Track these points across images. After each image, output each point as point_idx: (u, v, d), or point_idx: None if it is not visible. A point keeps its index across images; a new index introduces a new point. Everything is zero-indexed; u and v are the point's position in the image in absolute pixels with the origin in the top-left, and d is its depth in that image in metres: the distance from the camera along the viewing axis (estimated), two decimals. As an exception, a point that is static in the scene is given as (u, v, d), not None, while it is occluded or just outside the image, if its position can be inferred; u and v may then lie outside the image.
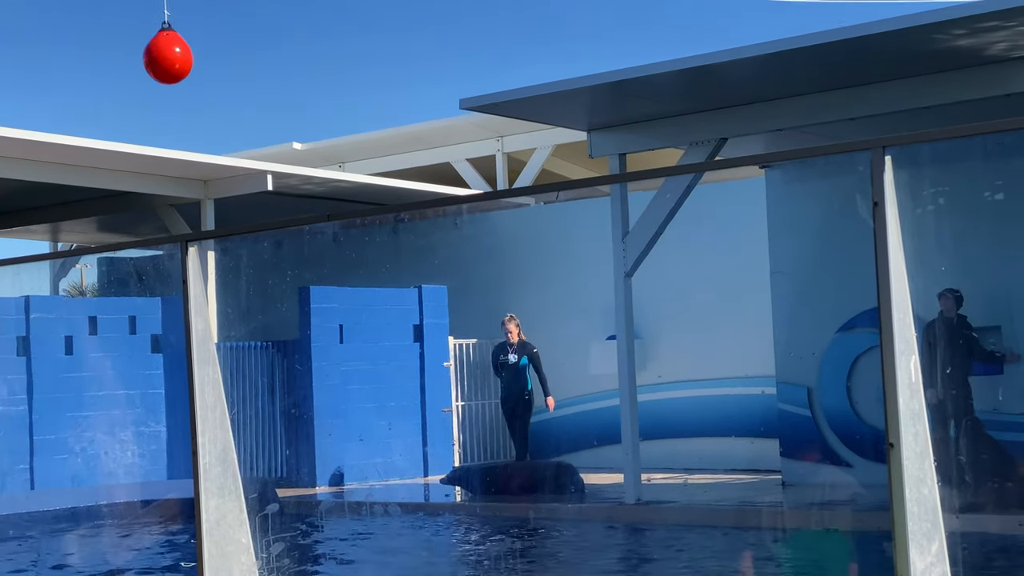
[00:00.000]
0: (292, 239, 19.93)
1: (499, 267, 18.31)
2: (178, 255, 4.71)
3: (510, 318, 15.67)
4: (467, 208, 18.57)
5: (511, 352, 15.52)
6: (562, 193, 18.93)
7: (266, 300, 17.65)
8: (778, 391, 14.51)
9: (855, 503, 12.60)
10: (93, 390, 15.24)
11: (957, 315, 12.29)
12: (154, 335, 15.93)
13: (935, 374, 11.56)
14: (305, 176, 16.62)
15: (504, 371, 15.55)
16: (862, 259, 12.79)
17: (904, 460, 3.41)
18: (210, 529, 4.64)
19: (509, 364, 15.49)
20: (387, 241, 19.28)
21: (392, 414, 16.48)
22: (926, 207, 12.23)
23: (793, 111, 12.60)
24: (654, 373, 16.49)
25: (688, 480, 14.94)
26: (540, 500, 13.81)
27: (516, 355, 15.47)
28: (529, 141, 20.48)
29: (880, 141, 3.42)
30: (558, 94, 12.51)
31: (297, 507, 14.34)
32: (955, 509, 9.98)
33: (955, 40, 10.79)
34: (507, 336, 15.58)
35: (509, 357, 15.52)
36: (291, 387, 16.29)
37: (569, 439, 17.18)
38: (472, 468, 15.08)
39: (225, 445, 4.72)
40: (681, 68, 11.69)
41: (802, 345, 14.18)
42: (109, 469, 15.16)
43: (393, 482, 16.02)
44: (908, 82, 11.90)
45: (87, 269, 35.36)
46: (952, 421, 11.71)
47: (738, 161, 6.16)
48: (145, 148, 14.88)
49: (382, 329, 16.71)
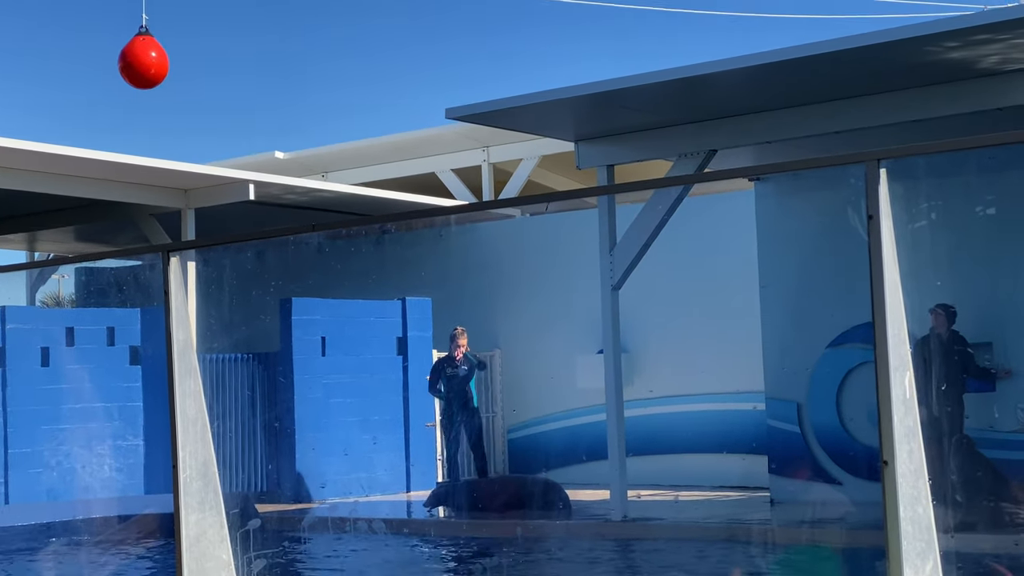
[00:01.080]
0: (274, 250, 19.89)
1: (485, 279, 18.29)
2: (159, 265, 4.69)
3: (462, 331, 15.51)
4: (453, 219, 18.56)
5: (459, 366, 15.36)
6: (549, 205, 18.93)
7: (248, 312, 17.60)
8: (767, 407, 14.52)
9: (845, 521, 12.60)
10: (70, 402, 15.16)
11: (950, 331, 12.31)
12: (133, 347, 15.88)
13: (928, 391, 11.57)
14: (288, 186, 16.59)
15: (449, 384, 15.35)
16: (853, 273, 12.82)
17: (899, 478, 3.40)
18: (190, 545, 4.61)
19: (458, 378, 15.30)
20: (371, 252, 19.25)
21: (375, 428, 16.44)
22: (919, 221, 12.26)
23: (783, 123, 12.62)
24: (642, 388, 16.48)
25: (678, 497, 14.92)
26: (524, 517, 13.77)
27: (464, 368, 15.33)
28: (515, 152, 20.48)
29: (875, 154, 3.42)
30: (545, 104, 12.52)
31: (279, 523, 14.28)
32: (949, 528, 9.99)
33: (947, 53, 10.82)
34: (455, 350, 15.39)
35: (459, 370, 15.33)
36: (272, 400, 16.24)
37: (556, 454, 17.16)
38: (456, 485, 15.01)
39: (206, 459, 4.69)
40: (670, 79, 11.70)
41: (792, 360, 14.19)
42: (86, 483, 15.08)
43: (376, 498, 15.97)
44: (900, 95, 11.94)
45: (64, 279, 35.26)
46: (945, 439, 11.72)
47: (728, 173, 6.15)
48: (125, 156, 14.83)
49: (365, 342, 16.68)
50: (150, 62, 8.59)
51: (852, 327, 13.58)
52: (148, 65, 8.59)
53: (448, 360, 15.43)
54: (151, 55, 8.59)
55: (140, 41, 8.61)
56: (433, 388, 15.56)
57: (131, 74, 8.59)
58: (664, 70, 11.74)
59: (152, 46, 8.62)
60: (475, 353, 15.86)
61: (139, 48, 8.58)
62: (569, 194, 4.09)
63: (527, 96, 12.55)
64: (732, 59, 11.39)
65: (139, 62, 8.56)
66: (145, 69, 8.59)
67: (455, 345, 15.38)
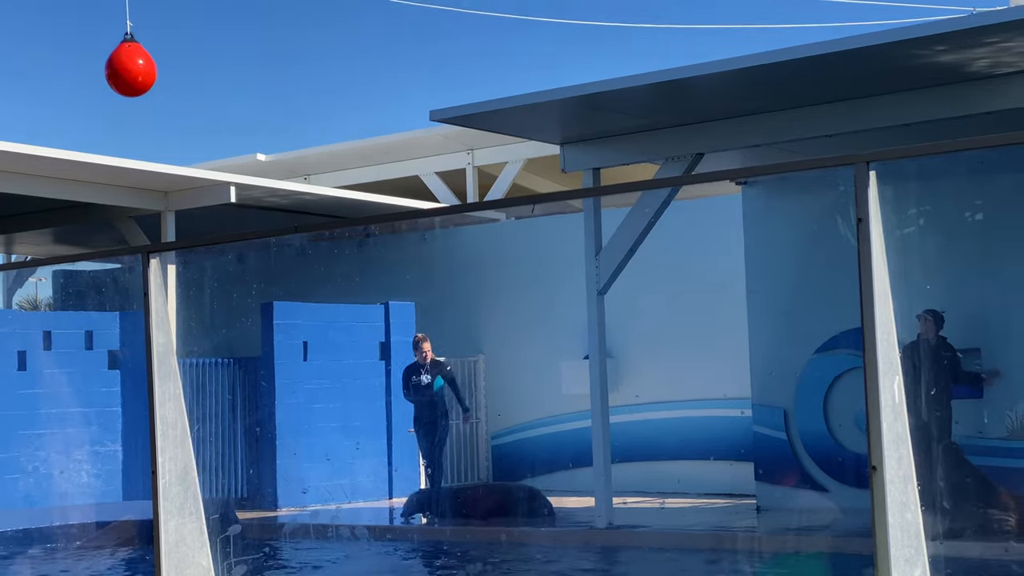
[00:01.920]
0: (255, 253, 19.86)
1: (468, 284, 18.29)
2: (138, 267, 4.68)
3: (423, 338, 15.46)
4: (437, 222, 18.55)
5: (424, 373, 15.31)
6: (535, 208, 18.93)
7: (228, 315, 17.57)
8: (754, 413, 14.53)
9: (832, 528, 12.62)
10: (47, 407, 15.10)
11: (937, 337, 12.35)
12: (111, 351, 15.82)
13: (916, 397, 11.60)
14: (270, 188, 16.57)
15: (417, 393, 15.36)
16: (840, 278, 12.83)
17: (887, 484, 3.40)
18: (169, 551, 4.60)
19: (423, 385, 15.26)
20: (354, 256, 19.24)
21: (357, 434, 16.41)
22: (908, 225, 12.29)
23: (770, 127, 12.65)
24: (628, 394, 16.49)
25: (664, 504, 14.93)
26: (506, 524, 13.76)
27: (430, 375, 15.28)
28: (500, 155, 20.48)
29: (864, 156, 3.43)
30: (531, 106, 12.51)
31: (260, 529, 14.25)
32: (938, 535, 10.01)
33: (936, 56, 10.86)
34: (421, 356, 15.35)
35: (423, 378, 15.27)
36: (253, 405, 16.21)
37: (541, 461, 17.16)
38: (436, 492, 14.97)
39: (186, 464, 4.68)
40: (657, 82, 11.71)
41: (779, 366, 14.21)
42: (63, 489, 15.03)
43: (358, 504, 15.94)
44: (889, 98, 11.97)
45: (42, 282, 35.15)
46: (934, 445, 11.75)
47: (715, 175, 6.16)
48: (104, 158, 14.79)
49: (347, 347, 16.66)
50: (137, 69, 8.57)
51: (840, 332, 13.60)
52: (136, 73, 8.57)
53: (414, 367, 15.37)
54: (138, 62, 8.56)
55: (126, 48, 8.58)
56: (406, 394, 15.48)
57: (118, 83, 8.56)
58: (650, 72, 11.75)
59: (139, 53, 8.59)
60: (441, 359, 15.78)
61: (125, 55, 8.55)
62: (555, 196, 4.06)
63: (512, 98, 12.54)
64: (719, 62, 11.40)
65: (126, 70, 8.54)
66: (132, 77, 8.57)
67: (419, 352, 15.30)
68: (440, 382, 15.24)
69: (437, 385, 15.21)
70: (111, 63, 8.58)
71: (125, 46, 8.59)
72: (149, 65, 8.63)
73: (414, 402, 15.23)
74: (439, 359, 15.55)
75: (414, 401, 15.22)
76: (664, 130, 13.13)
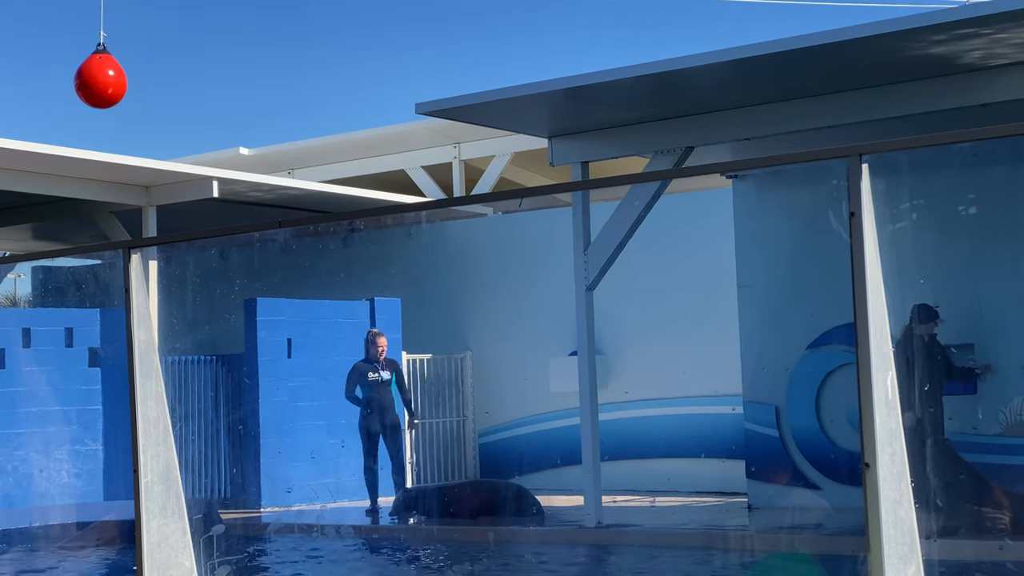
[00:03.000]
0: (238, 248, 19.84)
1: (455, 279, 18.29)
2: (119, 263, 4.67)
3: (378, 333, 15.45)
4: (424, 216, 18.54)
5: (381, 369, 15.28)
6: (522, 202, 18.93)
7: (210, 312, 17.54)
8: (744, 410, 14.55)
9: (824, 527, 12.65)
10: (26, 406, 15.07)
11: (929, 333, 12.37)
12: (91, 348, 15.78)
13: (909, 393, 11.62)
14: (253, 183, 16.54)
15: (373, 390, 15.21)
16: (833, 273, 12.82)
17: (880, 480, 3.41)
18: (151, 551, 4.60)
19: (381, 382, 15.22)
20: (338, 251, 19.22)
21: (343, 432, 16.39)
22: (902, 218, 12.31)
23: (761, 120, 12.65)
24: (617, 390, 16.50)
25: (655, 502, 14.94)
26: (493, 523, 13.76)
27: (387, 372, 15.26)
28: (487, 148, 20.47)
29: (857, 148, 3.43)
30: (518, 99, 12.50)
31: (244, 529, 14.24)
32: (932, 532, 10.04)
33: (929, 48, 10.87)
34: (377, 352, 15.27)
35: (382, 375, 15.23)
36: (236, 403, 16.19)
37: (529, 459, 17.17)
38: (424, 490, 14.98)
39: (168, 463, 4.68)
40: (646, 74, 11.71)
41: (770, 362, 14.23)
42: (42, 489, 15.00)
43: (343, 504, 15.94)
44: (881, 90, 11.99)
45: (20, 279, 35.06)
46: (928, 441, 11.78)
47: (705, 168, 6.18)
48: (84, 152, 14.75)
49: (332, 343, 16.64)
50: (107, 81, 8.54)
51: (832, 328, 13.63)
52: (105, 84, 8.54)
53: (369, 364, 15.33)
54: (108, 73, 8.53)
55: (97, 60, 8.54)
56: (350, 394, 15.38)
57: (87, 94, 8.53)
58: (639, 64, 11.74)
59: (109, 64, 8.56)
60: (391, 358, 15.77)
61: (95, 67, 8.52)
62: (542, 189, 4.05)
63: (499, 91, 12.53)
64: (709, 53, 11.40)
65: (95, 81, 8.51)
66: (102, 89, 8.53)
67: (375, 348, 15.25)
68: (394, 379, 15.24)
69: (392, 382, 15.22)
70: (80, 74, 8.54)
71: (96, 57, 8.56)
72: (119, 76, 8.60)
73: (367, 400, 15.17)
74: (390, 357, 15.54)
75: (367, 399, 15.16)
76: (654, 123, 13.13)
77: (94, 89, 8.40)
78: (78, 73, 8.41)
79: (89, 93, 8.42)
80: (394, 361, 15.63)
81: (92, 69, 8.39)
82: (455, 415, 17.96)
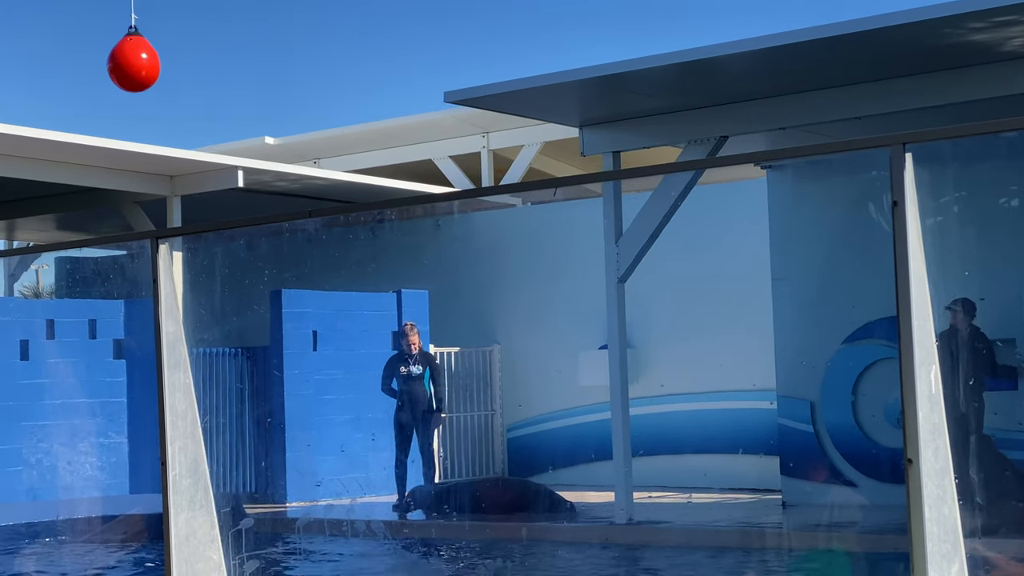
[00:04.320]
0: (265, 239, 19.89)
1: (483, 271, 18.28)
2: (144, 254, 4.69)
3: (412, 327, 15.48)
4: (451, 207, 18.54)
5: (412, 364, 15.31)
6: (552, 193, 18.91)
7: (236, 304, 17.59)
8: (779, 405, 14.51)
9: (860, 525, 12.60)
10: (50, 398, 15.15)
11: (970, 326, 12.30)
12: (116, 340, 15.86)
13: (953, 388, 11.56)
14: (278, 172, 16.58)
15: (405, 383, 15.27)
16: (871, 266, 12.76)
17: (923, 477, 3.39)
18: (179, 545, 4.61)
19: (413, 376, 15.26)
20: (366, 242, 19.24)
21: (372, 426, 16.41)
22: (945, 210, 12.23)
23: (796, 109, 12.60)
24: (649, 385, 16.46)
25: (691, 499, 14.90)
26: (521, 520, 13.74)
27: (419, 367, 15.29)
28: (516, 138, 20.46)
29: (901, 137, 3.40)
30: (548, 87, 12.49)
31: (272, 524, 14.28)
32: (976, 530, 9.97)
33: (970, 35, 10.81)
34: (408, 347, 15.31)
35: (412, 369, 15.26)
36: (261, 397, 16.24)
37: (558, 454, 17.16)
38: (436, 488, 14.95)
39: (196, 456, 4.69)
40: (679, 62, 11.68)
41: (805, 357, 14.18)
42: (66, 482, 15.08)
43: (372, 499, 15.95)
44: (919, 79, 11.92)
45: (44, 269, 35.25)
46: (968, 437, 11.72)
47: (741, 158, 6.11)
48: (108, 141, 14.81)
49: (358, 336, 16.67)
50: (140, 64, 8.57)
51: (868, 322, 13.56)
52: (139, 67, 8.57)
53: (402, 357, 15.39)
54: (141, 56, 8.56)
55: (130, 42, 8.58)
56: (386, 386, 15.46)
57: (121, 76, 8.57)
58: (673, 52, 11.72)
59: (142, 47, 8.59)
60: (427, 351, 15.82)
61: (129, 49, 8.55)
62: (573, 180, 4.05)
63: (529, 79, 12.52)
64: (744, 41, 11.36)
65: (129, 64, 8.54)
66: (136, 71, 8.57)
67: (407, 342, 15.30)
68: (428, 373, 15.27)
69: (426, 377, 15.25)
70: (114, 57, 8.58)
71: (128, 40, 8.59)
72: (153, 59, 8.63)
73: (401, 393, 15.22)
74: (425, 351, 15.58)
75: (400, 392, 15.22)
76: (687, 112, 13.09)
77: (127, 71, 8.44)
78: (111, 56, 8.45)
79: (123, 75, 8.45)
80: (428, 355, 15.65)
81: (125, 51, 8.43)
82: (483, 409, 17.96)
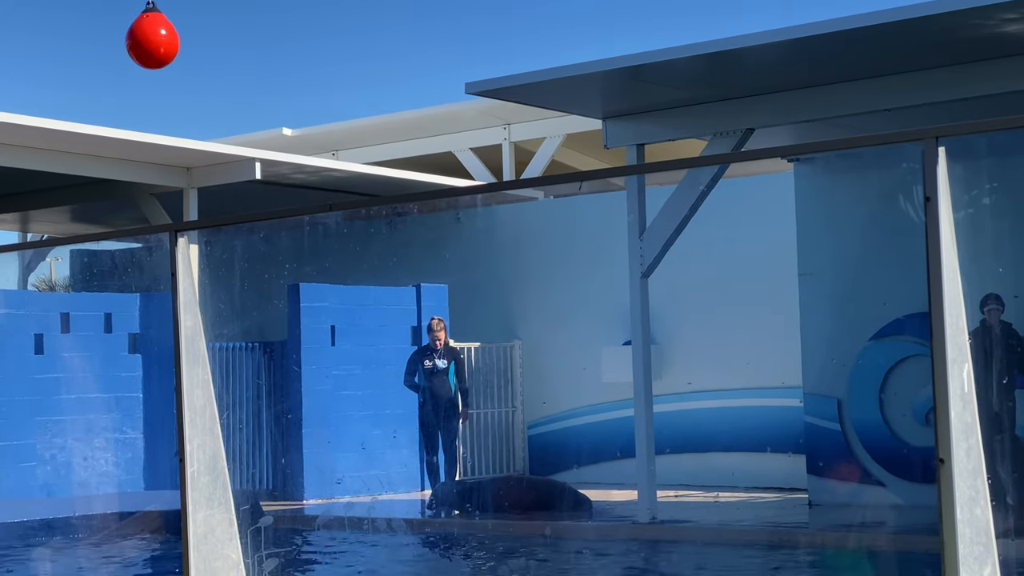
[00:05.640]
0: (283, 232, 19.91)
1: (504, 265, 18.27)
2: (162, 246, 4.71)
3: (439, 322, 15.52)
4: (471, 201, 18.54)
5: (438, 358, 15.34)
6: (575, 186, 18.89)
7: (253, 298, 17.62)
8: (805, 403, 14.47)
9: (888, 525, 12.57)
10: (65, 393, 15.20)
11: (1001, 322, 12.25)
12: (132, 334, 15.89)
13: (987, 386, 11.50)
14: (297, 164, 16.60)
15: (430, 378, 15.31)
16: (901, 261, 12.70)
17: (955, 477, 3.38)
18: (197, 543, 4.62)
19: (438, 371, 15.29)
20: (385, 236, 19.25)
21: (392, 422, 16.43)
22: (975, 205, 12.17)
23: (824, 101, 12.56)
24: (672, 382, 16.43)
25: (719, 498, 14.87)
26: (542, 519, 13.74)
27: (444, 361, 15.32)
28: (539, 130, 20.44)
29: (933, 131, 3.40)
30: (571, 79, 12.48)
31: (292, 521, 14.31)
32: (1009, 531, 9.93)
33: (1002, 26, 10.76)
34: (434, 341, 15.38)
35: (437, 363, 15.29)
36: (278, 393, 16.26)
37: (580, 451, 17.14)
38: (464, 485, 14.96)
39: (215, 452, 4.70)
40: (705, 53, 11.65)
41: (832, 353, 14.14)
42: (81, 478, 15.13)
43: (391, 496, 15.97)
44: (949, 71, 11.86)
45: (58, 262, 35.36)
46: (999, 437, 11.68)
47: (768, 152, 6.03)
48: (124, 132, 14.84)
49: (377, 331, 16.68)
50: (159, 40, 8.57)
51: (897, 318, 13.52)
52: (157, 44, 8.56)
53: (427, 351, 15.42)
54: (160, 33, 8.56)
55: (148, 18, 8.58)
56: (409, 380, 15.52)
57: (139, 53, 8.57)
58: (698, 43, 11.69)
59: (161, 23, 8.59)
60: (453, 346, 15.85)
61: (147, 25, 8.56)
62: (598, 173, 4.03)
63: (552, 70, 12.51)
64: (770, 31, 11.33)
65: (147, 40, 8.54)
66: (155, 48, 8.56)
67: (433, 336, 15.35)
68: (453, 368, 15.30)
69: (451, 372, 15.27)
70: (132, 33, 8.58)
71: (147, 16, 8.60)
72: (172, 36, 8.62)
73: (424, 388, 15.25)
74: (451, 345, 15.61)
75: (424, 387, 15.25)
76: (712, 104, 13.06)
77: (146, 48, 8.44)
78: (129, 33, 8.46)
79: (141, 53, 8.46)
80: (454, 349, 15.67)
81: (144, 28, 8.43)
82: (504, 406, 17.97)
